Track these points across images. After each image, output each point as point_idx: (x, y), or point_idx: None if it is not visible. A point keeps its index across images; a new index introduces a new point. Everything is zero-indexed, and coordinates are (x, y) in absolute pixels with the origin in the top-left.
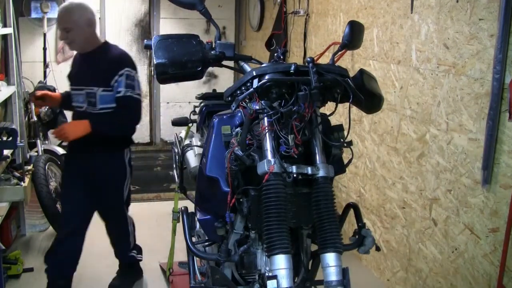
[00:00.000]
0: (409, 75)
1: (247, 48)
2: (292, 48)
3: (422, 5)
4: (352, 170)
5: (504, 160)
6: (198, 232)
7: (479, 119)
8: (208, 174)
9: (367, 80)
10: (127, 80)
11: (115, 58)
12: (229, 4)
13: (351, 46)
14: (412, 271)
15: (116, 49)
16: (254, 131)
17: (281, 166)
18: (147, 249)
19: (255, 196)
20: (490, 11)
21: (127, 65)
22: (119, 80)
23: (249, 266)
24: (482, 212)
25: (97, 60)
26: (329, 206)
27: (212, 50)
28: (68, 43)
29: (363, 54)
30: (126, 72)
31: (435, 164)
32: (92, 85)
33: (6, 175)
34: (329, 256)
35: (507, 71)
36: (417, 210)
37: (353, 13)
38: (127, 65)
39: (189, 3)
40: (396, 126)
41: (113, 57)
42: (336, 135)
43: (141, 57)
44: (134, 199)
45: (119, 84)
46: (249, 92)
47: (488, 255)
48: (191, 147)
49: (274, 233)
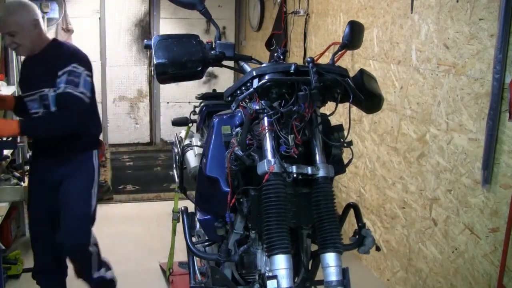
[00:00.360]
0: (409, 75)
1: (247, 48)
2: (292, 48)
3: (422, 5)
4: (352, 170)
5: (504, 160)
6: (198, 232)
7: (479, 119)
8: (208, 174)
9: (367, 80)
10: (69, 77)
11: (62, 54)
12: (229, 4)
13: (351, 46)
14: (412, 271)
15: (65, 46)
16: (254, 131)
17: (281, 166)
18: (147, 249)
19: (255, 196)
20: (490, 11)
21: (74, 61)
22: (62, 77)
23: (249, 266)
24: (482, 212)
25: (46, 60)
26: (329, 206)
27: (212, 50)
28: (14, 49)
29: (363, 54)
30: (70, 68)
31: (435, 164)
32: (44, 87)
33: (6, 175)
34: (329, 256)
35: (507, 71)
36: (417, 210)
37: (353, 13)
38: (74, 61)
39: (189, 3)
40: (396, 126)
41: (60, 53)
42: (336, 135)
43: (141, 57)
44: (134, 199)
45: (59, 81)
46: (249, 92)
47: (488, 255)
48: (191, 147)
49: (274, 233)
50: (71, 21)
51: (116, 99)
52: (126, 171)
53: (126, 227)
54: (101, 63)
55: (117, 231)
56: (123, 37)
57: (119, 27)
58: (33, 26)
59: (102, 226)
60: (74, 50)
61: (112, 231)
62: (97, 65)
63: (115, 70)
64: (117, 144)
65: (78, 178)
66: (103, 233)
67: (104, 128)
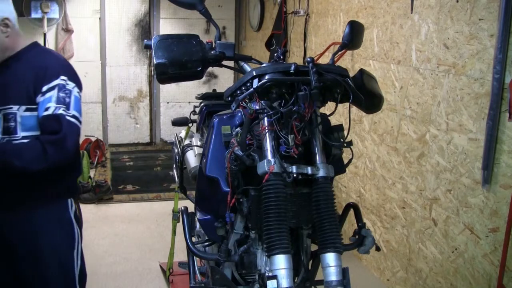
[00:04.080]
0: (409, 75)
1: (247, 48)
2: (292, 48)
3: (422, 5)
4: (352, 170)
5: (504, 160)
6: (198, 232)
7: (479, 119)
8: (208, 174)
9: (367, 80)
10: (60, 93)
11: (45, 63)
12: (229, 4)
13: (351, 46)
14: (412, 271)
15: (49, 53)
16: (254, 131)
17: (281, 166)
18: (147, 249)
19: (255, 196)
20: (490, 11)
21: (63, 73)
22: (48, 93)
23: (249, 266)
24: (482, 212)
25: (19, 68)
26: (329, 206)
27: (212, 50)
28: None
29: (363, 54)
30: (60, 82)
31: (435, 164)
32: (10, 103)
33: None
34: (329, 256)
35: (507, 71)
36: (417, 210)
37: (353, 13)
38: (63, 73)
39: (189, 3)
40: (396, 126)
41: (43, 62)
42: (336, 135)
43: (141, 57)
44: (134, 199)
45: (46, 99)
46: (249, 92)
47: (488, 255)
48: (191, 147)
49: (274, 233)
50: (71, 21)
51: (116, 99)
52: (126, 171)
53: (126, 227)
54: (101, 63)
55: (117, 231)
56: (123, 37)
57: (119, 27)
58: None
59: (102, 226)
60: (61, 58)
61: (112, 231)
62: (97, 65)
63: (115, 70)
64: (117, 144)
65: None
66: (103, 233)
67: (104, 128)
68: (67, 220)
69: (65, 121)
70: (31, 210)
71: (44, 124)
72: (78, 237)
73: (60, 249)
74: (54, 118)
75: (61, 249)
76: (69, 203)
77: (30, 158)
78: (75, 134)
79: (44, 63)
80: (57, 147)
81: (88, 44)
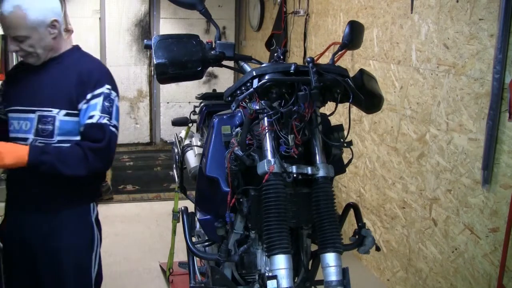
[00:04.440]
0: (409, 75)
1: (247, 48)
2: (292, 48)
3: (422, 5)
4: (352, 170)
5: (504, 160)
6: (198, 232)
7: (479, 119)
8: (208, 174)
9: (367, 80)
10: (105, 102)
11: (89, 69)
12: (229, 4)
13: (351, 46)
14: (412, 271)
15: (93, 59)
16: (254, 131)
17: (281, 166)
18: (147, 249)
19: (255, 196)
20: (490, 11)
21: (107, 81)
22: (93, 100)
23: (249, 266)
24: (482, 212)
25: (59, 71)
26: (329, 206)
27: (212, 50)
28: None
29: (363, 54)
30: (105, 92)
31: (435, 164)
32: (51, 106)
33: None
34: (329, 256)
35: (507, 71)
36: (417, 210)
37: (353, 13)
38: (107, 81)
39: (189, 3)
40: (396, 126)
41: (86, 67)
42: (336, 135)
43: (141, 57)
44: (134, 199)
45: (91, 106)
46: (249, 92)
47: (488, 255)
48: (191, 147)
49: (274, 233)
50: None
51: None
52: (126, 171)
53: (126, 227)
54: None
55: (117, 231)
56: (123, 37)
57: (119, 27)
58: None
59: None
60: (104, 66)
61: (112, 231)
62: None
63: (115, 70)
64: (117, 144)
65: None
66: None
67: None
68: (88, 224)
69: (108, 131)
70: (54, 212)
71: (88, 132)
72: (98, 240)
73: (78, 251)
74: (98, 127)
75: (79, 251)
76: (92, 207)
77: (72, 163)
78: (115, 144)
79: (88, 68)
80: (98, 155)
81: (88, 44)
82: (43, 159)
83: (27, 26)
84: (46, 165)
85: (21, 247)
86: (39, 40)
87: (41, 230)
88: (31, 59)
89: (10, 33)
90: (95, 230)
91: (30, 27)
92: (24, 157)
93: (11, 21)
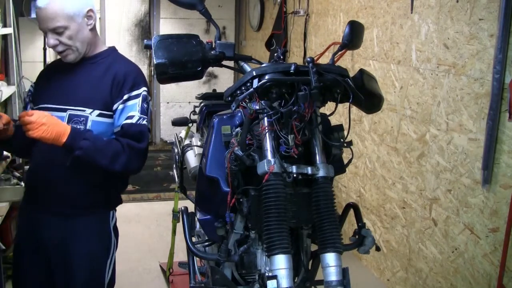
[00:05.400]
0: (409, 75)
1: (247, 48)
2: (292, 48)
3: (422, 5)
4: (352, 170)
5: (504, 160)
6: (198, 232)
7: (479, 119)
8: (208, 174)
9: (367, 80)
10: (144, 104)
11: (127, 71)
12: (229, 4)
13: (351, 46)
14: (412, 271)
15: (126, 60)
16: (254, 131)
17: (281, 166)
18: (147, 249)
19: (255, 196)
20: (490, 11)
21: (145, 84)
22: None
23: (249, 266)
24: (482, 212)
25: (94, 71)
26: (329, 206)
27: (212, 50)
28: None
29: (363, 54)
30: (143, 93)
31: (435, 164)
32: (84, 105)
33: (6, 175)
34: (329, 256)
35: (507, 71)
36: (417, 210)
37: (353, 13)
38: (145, 84)
39: (189, 3)
40: (396, 126)
41: (122, 69)
42: (336, 135)
43: (141, 57)
44: (134, 199)
45: (129, 107)
46: (249, 92)
47: (488, 255)
48: (191, 147)
49: (274, 233)
50: None
51: None
52: None
53: (126, 227)
54: None
55: None
56: (123, 37)
57: (119, 27)
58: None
59: None
60: (139, 68)
61: None
62: None
63: None
64: None
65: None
66: None
67: None
68: (106, 231)
69: (146, 134)
70: (74, 217)
71: (128, 131)
72: (114, 247)
73: (94, 257)
74: (138, 127)
75: (95, 257)
76: (111, 214)
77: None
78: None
79: (125, 70)
80: (136, 154)
81: None
82: (81, 144)
83: (65, 16)
84: (81, 150)
85: (37, 248)
86: (77, 31)
87: (59, 233)
88: (71, 56)
89: (48, 26)
90: (112, 238)
91: (68, 17)
92: (63, 135)
93: (49, 12)
